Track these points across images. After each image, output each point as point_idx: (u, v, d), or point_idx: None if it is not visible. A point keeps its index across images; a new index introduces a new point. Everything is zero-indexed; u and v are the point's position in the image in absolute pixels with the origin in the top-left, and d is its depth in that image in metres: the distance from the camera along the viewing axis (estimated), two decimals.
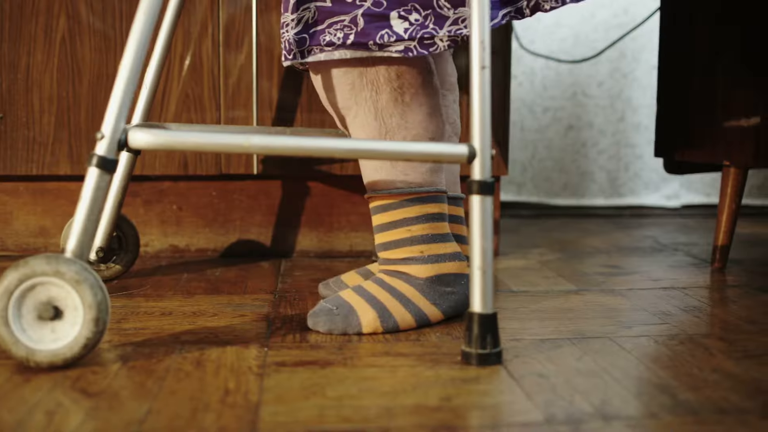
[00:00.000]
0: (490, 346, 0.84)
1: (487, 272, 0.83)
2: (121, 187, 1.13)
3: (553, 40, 1.93)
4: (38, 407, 0.70)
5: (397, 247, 0.98)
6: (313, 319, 0.94)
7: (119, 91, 0.82)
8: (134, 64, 0.83)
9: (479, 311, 0.83)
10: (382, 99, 0.95)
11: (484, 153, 0.83)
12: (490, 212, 0.83)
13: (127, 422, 0.67)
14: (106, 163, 0.81)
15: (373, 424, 0.68)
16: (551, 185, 1.98)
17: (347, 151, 0.84)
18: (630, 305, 1.10)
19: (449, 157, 0.84)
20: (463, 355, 0.84)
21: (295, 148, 0.83)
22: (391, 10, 0.91)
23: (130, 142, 0.82)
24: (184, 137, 0.82)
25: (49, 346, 0.79)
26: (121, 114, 0.82)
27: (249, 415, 0.69)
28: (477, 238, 0.83)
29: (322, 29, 0.92)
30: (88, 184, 0.81)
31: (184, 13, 1.28)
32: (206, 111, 1.30)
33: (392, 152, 0.85)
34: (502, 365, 0.83)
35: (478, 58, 0.82)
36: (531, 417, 0.70)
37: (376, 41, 0.91)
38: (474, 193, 0.83)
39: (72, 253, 0.80)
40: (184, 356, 0.84)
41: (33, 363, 0.79)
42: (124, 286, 1.16)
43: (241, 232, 1.38)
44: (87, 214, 0.80)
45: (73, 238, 0.80)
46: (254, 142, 0.82)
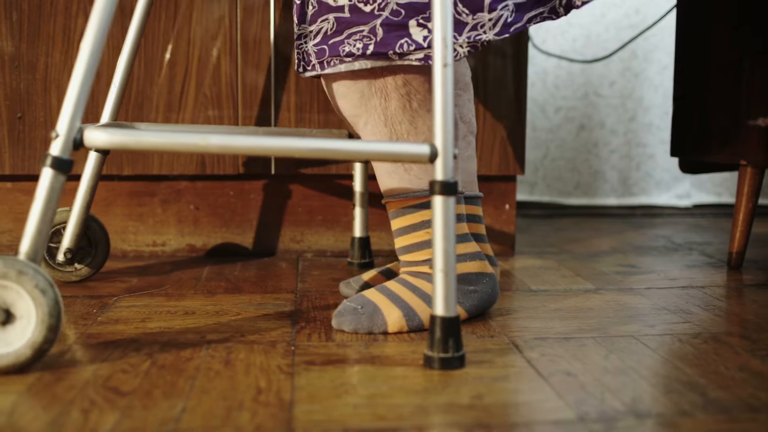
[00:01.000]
0: (453, 350, 0.82)
1: (449, 274, 0.81)
2: (89, 187, 1.12)
3: (565, 40, 1.93)
4: (72, 405, 0.70)
5: (419, 249, 0.98)
6: (339, 319, 0.94)
7: (74, 89, 0.80)
8: (89, 62, 0.81)
9: (441, 314, 0.82)
10: (390, 106, 0.96)
11: (446, 152, 0.82)
12: (453, 213, 0.81)
13: (162, 421, 0.67)
14: (61, 164, 0.79)
15: (408, 422, 0.68)
16: (563, 185, 1.99)
17: (308, 151, 0.82)
18: (650, 304, 1.10)
19: (411, 157, 0.83)
20: (425, 359, 0.82)
21: (254, 148, 0.82)
22: (409, 18, 0.91)
23: (86, 141, 0.80)
24: (140, 136, 0.80)
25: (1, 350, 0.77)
26: (77, 113, 0.80)
27: (283, 413, 0.69)
28: (439, 240, 0.81)
29: (341, 40, 0.92)
30: (41, 184, 0.79)
31: (202, 12, 1.28)
32: (224, 110, 1.30)
33: (355, 152, 0.84)
34: (530, 363, 0.84)
35: (440, 56, 0.81)
36: (563, 415, 0.70)
37: (395, 50, 0.91)
38: (436, 193, 0.81)
39: (25, 255, 0.78)
40: (212, 355, 0.85)
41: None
42: (145, 285, 1.16)
43: (258, 232, 1.38)
44: (40, 215, 0.78)
45: (26, 239, 0.78)
46: (212, 142, 0.80)
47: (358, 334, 0.93)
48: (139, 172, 1.31)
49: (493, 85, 1.36)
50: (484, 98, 1.36)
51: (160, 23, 1.28)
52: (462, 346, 0.83)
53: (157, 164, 1.31)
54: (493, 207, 1.42)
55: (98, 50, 0.81)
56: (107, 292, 1.11)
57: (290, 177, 1.37)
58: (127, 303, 1.06)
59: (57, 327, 0.77)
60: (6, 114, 1.27)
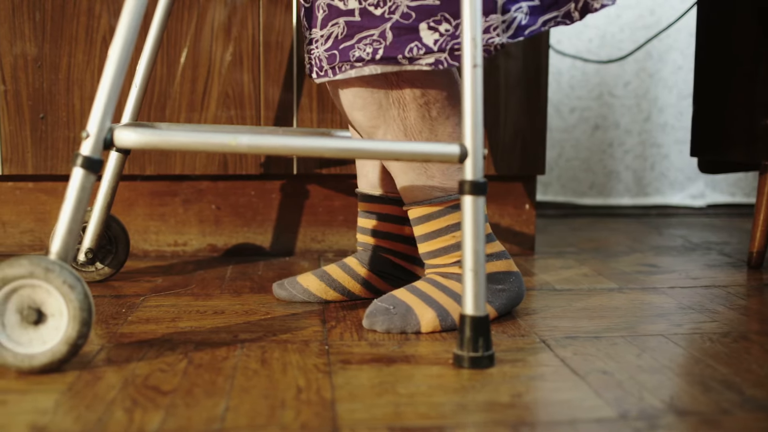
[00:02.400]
0: (483, 349, 0.82)
1: (479, 273, 0.82)
2: (110, 188, 1.13)
3: (580, 41, 1.93)
4: (115, 405, 0.70)
5: (446, 253, 0.98)
6: (370, 319, 0.94)
7: (105, 89, 0.80)
8: (120, 63, 0.81)
9: (471, 314, 0.82)
10: (410, 116, 0.95)
11: (476, 152, 0.82)
12: (483, 213, 0.82)
13: (207, 419, 0.68)
14: (91, 164, 0.79)
15: (451, 421, 0.68)
16: (578, 185, 1.99)
17: (336, 151, 0.83)
18: (675, 303, 1.10)
19: (440, 157, 0.83)
20: (454, 359, 0.83)
21: (282, 148, 0.82)
22: (420, 21, 0.89)
23: (116, 141, 0.80)
24: (170, 136, 0.81)
25: (32, 350, 0.77)
26: (107, 113, 0.80)
27: (326, 411, 0.70)
28: (469, 240, 0.82)
29: (352, 44, 0.90)
30: (72, 184, 0.79)
31: (226, 13, 1.29)
32: (246, 110, 1.31)
33: (382, 152, 0.84)
34: (564, 362, 0.84)
35: (470, 56, 0.81)
36: (604, 413, 0.71)
37: (405, 55, 0.89)
38: (466, 193, 0.82)
39: (56, 255, 0.78)
40: (247, 354, 0.85)
41: (15, 368, 0.76)
42: (170, 285, 1.16)
43: (279, 232, 1.39)
44: (71, 215, 0.79)
45: (57, 239, 0.78)
46: (242, 142, 0.80)
47: (390, 333, 0.93)
48: (162, 172, 1.31)
49: (513, 86, 1.36)
50: (505, 99, 1.36)
51: (183, 24, 1.28)
52: (491, 346, 0.83)
53: (180, 164, 1.31)
54: (513, 207, 1.43)
55: (129, 50, 0.81)
56: (133, 292, 1.12)
57: (311, 177, 1.37)
58: (155, 302, 1.06)
59: (89, 321, 0.77)
60: (29, 114, 1.27)
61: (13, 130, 1.28)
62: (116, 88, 0.81)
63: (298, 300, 1.07)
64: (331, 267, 1.09)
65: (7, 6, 1.25)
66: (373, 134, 0.98)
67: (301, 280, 1.08)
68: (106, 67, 0.81)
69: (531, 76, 1.36)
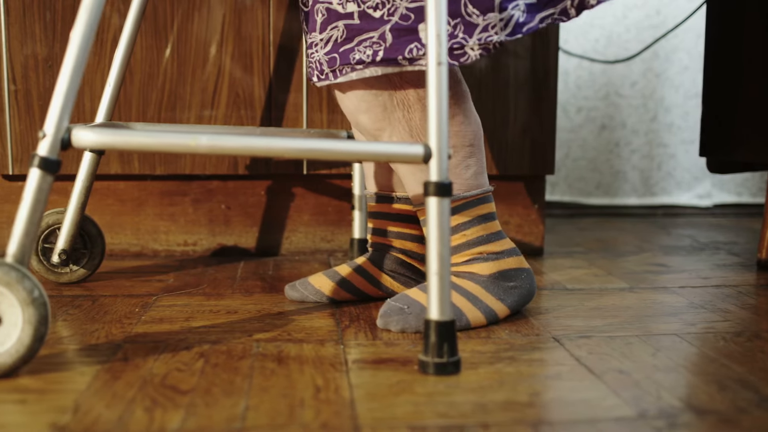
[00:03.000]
0: (447, 354, 0.79)
1: (444, 278, 0.80)
2: (84, 188, 1.12)
3: (587, 40, 1.94)
4: (135, 404, 0.70)
5: (457, 252, 0.99)
6: (385, 319, 0.94)
7: (62, 89, 0.79)
8: (77, 62, 0.80)
9: (436, 318, 0.80)
10: (415, 117, 0.95)
11: (441, 153, 0.80)
12: (448, 215, 0.80)
13: (227, 418, 0.68)
14: (48, 164, 0.77)
15: (471, 420, 0.68)
16: (585, 185, 1.99)
17: (297, 151, 0.81)
18: (687, 303, 1.10)
19: (404, 157, 0.82)
20: (419, 365, 0.80)
21: (242, 148, 0.80)
22: (419, 22, 0.89)
23: (74, 141, 0.79)
24: (129, 137, 0.79)
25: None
26: (64, 112, 0.79)
27: (346, 410, 0.70)
28: (434, 242, 0.80)
29: (352, 47, 0.91)
30: (29, 185, 0.77)
31: (236, 13, 1.29)
32: (256, 110, 1.31)
33: (349, 152, 0.82)
34: (580, 361, 0.84)
35: (435, 54, 0.79)
36: (623, 412, 0.71)
37: (405, 56, 0.90)
38: (430, 194, 0.80)
39: (12, 257, 0.76)
40: (263, 354, 0.85)
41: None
42: (181, 285, 1.16)
43: (289, 232, 1.39)
44: (28, 216, 0.77)
45: (14, 241, 0.77)
46: (201, 142, 0.79)
47: (405, 333, 0.93)
48: (172, 172, 1.31)
49: (522, 86, 1.36)
50: (514, 99, 1.36)
51: (193, 24, 1.28)
52: (457, 351, 0.80)
53: (190, 164, 1.31)
54: (522, 207, 1.43)
55: (85, 49, 0.80)
56: (145, 291, 1.12)
57: (321, 177, 1.37)
58: (168, 302, 1.06)
59: (44, 325, 0.75)
60: (39, 114, 1.27)
61: (24, 130, 1.28)
62: (73, 88, 0.79)
63: (310, 301, 1.07)
64: (342, 267, 1.09)
65: (18, 6, 1.25)
66: (379, 137, 0.98)
67: (312, 280, 1.08)
68: (63, 66, 0.79)
69: (540, 76, 1.36)
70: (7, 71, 1.26)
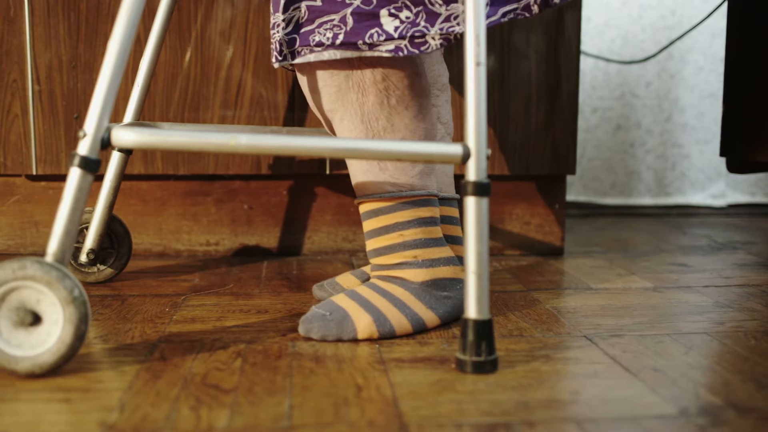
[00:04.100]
0: (485, 353, 0.80)
1: (482, 276, 0.80)
2: (112, 188, 1.13)
3: (602, 41, 1.94)
4: (179, 402, 0.71)
5: (391, 252, 0.95)
6: (306, 326, 0.91)
7: (102, 89, 0.79)
8: (117, 62, 0.80)
9: (474, 317, 0.80)
10: (368, 102, 0.93)
11: (479, 153, 0.80)
12: (486, 214, 0.80)
13: (274, 417, 0.68)
14: (89, 163, 0.78)
15: (516, 418, 0.69)
16: (599, 184, 2.00)
17: (338, 151, 0.82)
18: (712, 302, 1.11)
19: (442, 157, 0.82)
20: (457, 363, 0.80)
21: (282, 148, 0.81)
22: (381, 7, 0.87)
23: (113, 141, 0.80)
24: (168, 136, 0.80)
25: (28, 353, 0.76)
26: (105, 112, 0.79)
27: (390, 409, 0.70)
28: (472, 242, 0.80)
29: (312, 29, 0.89)
30: (69, 184, 0.78)
31: (259, 14, 1.29)
32: (279, 111, 1.31)
33: (385, 152, 0.82)
34: (615, 360, 0.84)
35: (473, 54, 0.79)
36: (664, 410, 0.71)
37: (365, 41, 0.88)
38: (469, 194, 0.80)
39: (53, 257, 0.77)
40: (299, 353, 0.85)
41: (10, 370, 0.76)
42: (208, 284, 1.16)
43: (311, 231, 1.39)
44: (69, 216, 0.78)
45: (54, 240, 0.77)
46: (241, 142, 0.79)
47: (326, 341, 0.90)
48: (195, 172, 1.31)
49: (543, 86, 1.36)
50: (537, 99, 1.37)
51: (217, 24, 1.29)
52: (495, 350, 0.81)
53: (213, 164, 1.31)
54: (542, 207, 1.43)
55: (126, 50, 0.80)
56: (173, 291, 1.12)
57: (343, 177, 1.38)
58: (197, 302, 1.06)
59: (85, 324, 0.76)
60: (63, 114, 1.28)
61: (48, 130, 1.28)
62: (114, 88, 0.80)
63: None
64: (369, 267, 1.09)
65: (42, 7, 1.26)
66: (331, 119, 0.96)
67: (340, 280, 1.08)
68: (103, 67, 0.80)
69: (561, 76, 1.37)
70: (32, 72, 1.27)
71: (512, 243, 1.43)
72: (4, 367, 0.76)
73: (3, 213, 1.34)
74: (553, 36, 1.36)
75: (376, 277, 0.96)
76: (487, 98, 1.35)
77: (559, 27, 1.36)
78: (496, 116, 1.36)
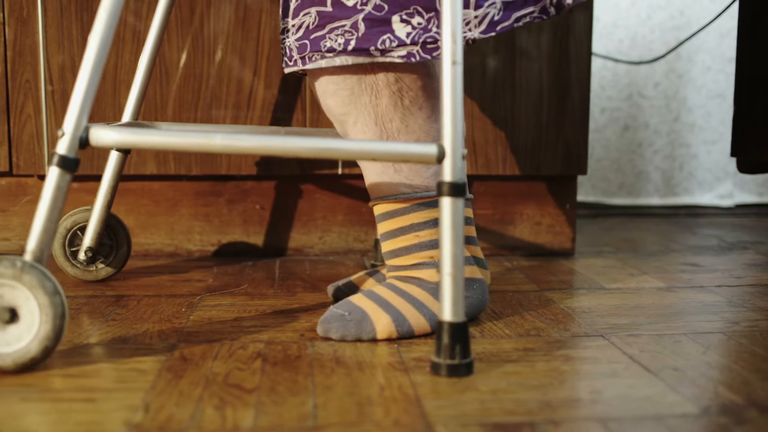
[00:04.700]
0: (460, 356, 0.79)
1: (457, 278, 0.79)
2: (110, 187, 1.13)
3: (611, 41, 1.95)
4: (203, 402, 0.71)
5: (407, 253, 0.95)
6: (325, 326, 0.91)
7: (81, 88, 0.80)
8: (96, 61, 0.80)
9: (449, 320, 0.79)
10: (381, 103, 0.93)
11: (455, 153, 0.80)
12: (461, 215, 0.80)
13: (299, 417, 0.68)
14: (67, 162, 0.78)
15: (540, 417, 0.69)
16: (608, 185, 2.00)
17: (312, 150, 0.81)
18: (726, 302, 1.11)
19: (418, 157, 0.81)
20: (431, 366, 0.80)
21: (256, 148, 0.80)
22: (392, 14, 0.88)
23: (91, 140, 0.80)
24: (145, 136, 0.80)
25: (5, 350, 0.76)
26: (83, 111, 0.79)
27: (414, 408, 0.70)
28: (447, 243, 0.79)
29: (323, 35, 0.89)
30: (48, 183, 0.78)
31: (272, 15, 1.29)
32: (293, 113, 1.31)
33: (359, 152, 0.81)
34: (633, 359, 0.84)
35: (450, 53, 0.78)
36: (686, 409, 0.71)
37: (377, 46, 0.88)
38: (444, 194, 0.79)
39: (30, 255, 0.77)
40: (319, 353, 0.85)
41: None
42: (222, 285, 1.16)
43: (323, 231, 1.39)
44: (47, 214, 0.78)
45: (32, 239, 0.78)
46: (215, 142, 0.79)
47: (345, 341, 0.90)
48: (208, 172, 1.31)
49: (555, 86, 1.37)
50: (548, 100, 1.37)
51: (231, 24, 1.29)
52: (470, 353, 0.80)
53: (225, 164, 1.32)
54: (553, 207, 1.43)
55: (104, 49, 0.80)
56: (187, 291, 1.12)
57: (355, 177, 1.38)
58: (213, 302, 1.06)
59: (61, 322, 0.76)
60: None
61: None
62: (93, 87, 0.80)
63: None
64: (384, 265, 1.09)
65: (55, 7, 1.26)
66: (344, 122, 0.96)
67: (356, 281, 1.08)
68: (82, 65, 0.80)
69: (573, 77, 1.37)
70: (44, 72, 1.27)
71: (523, 243, 1.43)
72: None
73: (15, 213, 1.34)
74: (564, 36, 1.36)
75: (393, 278, 0.96)
76: (498, 99, 1.36)
77: (570, 27, 1.36)
78: (507, 116, 1.36)
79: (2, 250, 1.34)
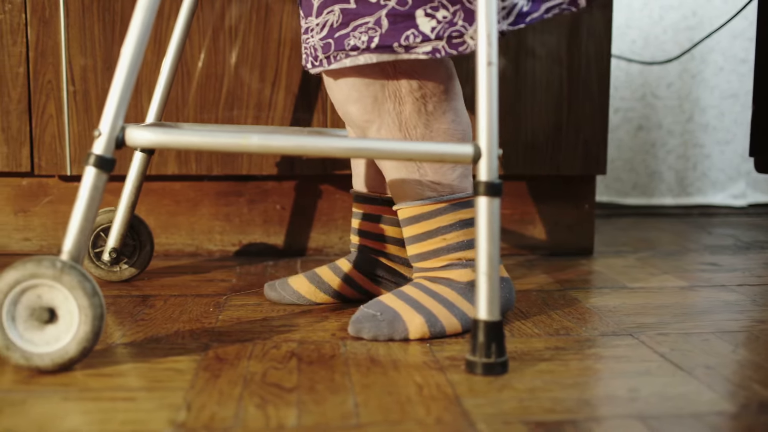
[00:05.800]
0: (495, 355, 0.79)
1: (492, 277, 0.79)
2: (134, 188, 1.14)
3: (624, 42, 1.95)
4: (245, 401, 0.71)
5: (435, 256, 0.95)
6: (357, 326, 0.91)
7: (117, 89, 0.80)
8: (132, 62, 0.81)
9: (485, 318, 0.79)
10: (405, 110, 0.92)
11: (490, 153, 0.80)
12: (497, 215, 0.80)
13: (341, 415, 0.68)
14: (103, 163, 0.79)
15: (580, 415, 0.69)
16: (621, 185, 2.01)
17: (349, 150, 0.82)
18: (749, 300, 1.11)
19: (453, 157, 0.81)
20: (467, 365, 0.80)
21: (293, 148, 0.81)
22: (416, 8, 0.86)
23: (128, 140, 0.80)
24: (181, 136, 0.80)
25: (44, 350, 0.77)
26: (119, 112, 0.80)
27: (454, 407, 0.71)
28: (483, 243, 0.79)
29: (347, 33, 0.87)
30: (84, 183, 0.79)
31: (293, 16, 1.30)
32: (313, 113, 1.32)
33: (393, 152, 0.81)
34: (665, 358, 0.85)
35: (485, 54, 0.79)
36: (723, 407, 0.72)
37: (401, 43, 0.86)
38: (481, 194, 0.79)
39: (68, 255, 0.78)
40: (353, 352, 0.86)
41: (27, 366, 0.77)
42: (246, 285, 1.17)
43: (343, 231, 1.39)
44: (84, 214, 0.78)
45: (69, 239, 0.78)
46: (252, 142, 0.80)
47: (378, 341, 0.90)
48: (229, 173, 1.32)
49: (576, 87, 1.37)
50: (568, 100, 1.37)
51: (251, 24, 1.29)
52: (505, 352, 0.80)
53: (246, 164, 1.32)
54: (573, 206, 1.44)
55: (141, 50, 0.81)
56: (213, 291, 1.12)
57: None
58: (239, 302, 1.07)
59: (99, 322, 0.77)
60: (97, 115, 1.28)
61: (81, 131, 1.29)
62: (128, 88, 0.81)
63: (287, 302, 1.05)
64: (322, 269, 1.07)
65: (77, 8, 1.26)
66: (366, 129, 0.94)
67: (291, 282, 1.06)
68: (118, 66, 0.81)
69: (593, 77, 1.38)
70: (66, 72, 1.27)
71: (542, 243, 1.44)
72: (20, 363, 0.76)
73: (36, 213, 1.34)
74: (583, 37, 1.36)
75: (422, 278, 0.96)
76: (518, 99, 1.36)
77: (589, 28, 1.36)
78: (527, 117, 1.37)
79: (23, 250, 1.34)
